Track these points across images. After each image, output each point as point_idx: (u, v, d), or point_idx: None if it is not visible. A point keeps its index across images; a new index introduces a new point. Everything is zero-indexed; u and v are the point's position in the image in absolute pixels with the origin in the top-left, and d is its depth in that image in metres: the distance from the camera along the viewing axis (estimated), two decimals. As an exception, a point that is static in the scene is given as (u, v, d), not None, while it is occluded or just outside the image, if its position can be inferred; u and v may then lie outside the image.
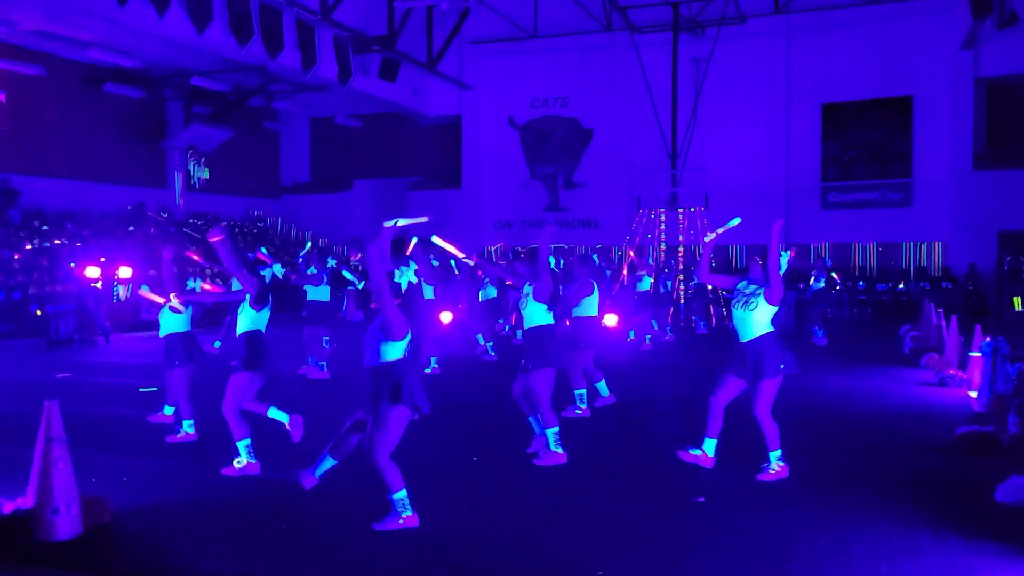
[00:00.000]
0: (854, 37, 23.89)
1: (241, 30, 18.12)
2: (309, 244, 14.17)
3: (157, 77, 22.31)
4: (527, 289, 6.86)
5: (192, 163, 23.73)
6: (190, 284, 13.12)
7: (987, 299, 21.74)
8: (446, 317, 12.09)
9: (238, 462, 6.23)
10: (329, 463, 5.18)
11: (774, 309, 6.02)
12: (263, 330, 6.58)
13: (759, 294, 6.02)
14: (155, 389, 10.13)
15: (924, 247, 23.69)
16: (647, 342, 14.86)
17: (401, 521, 4.92)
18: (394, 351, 4.97)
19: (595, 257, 14.00)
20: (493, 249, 27.02)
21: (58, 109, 21.29)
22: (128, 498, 5.50)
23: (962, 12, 22.38)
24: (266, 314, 6.61)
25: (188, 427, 7.50)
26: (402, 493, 4.93)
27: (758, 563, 4.34)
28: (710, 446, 6.05)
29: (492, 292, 14.19)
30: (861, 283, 22.71)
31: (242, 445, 6.25)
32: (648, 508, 5.33)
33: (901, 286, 22.46)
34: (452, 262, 13.19)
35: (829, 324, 16.13)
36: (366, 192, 29.55)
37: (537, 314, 6.73)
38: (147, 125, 23.83)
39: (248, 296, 6.53)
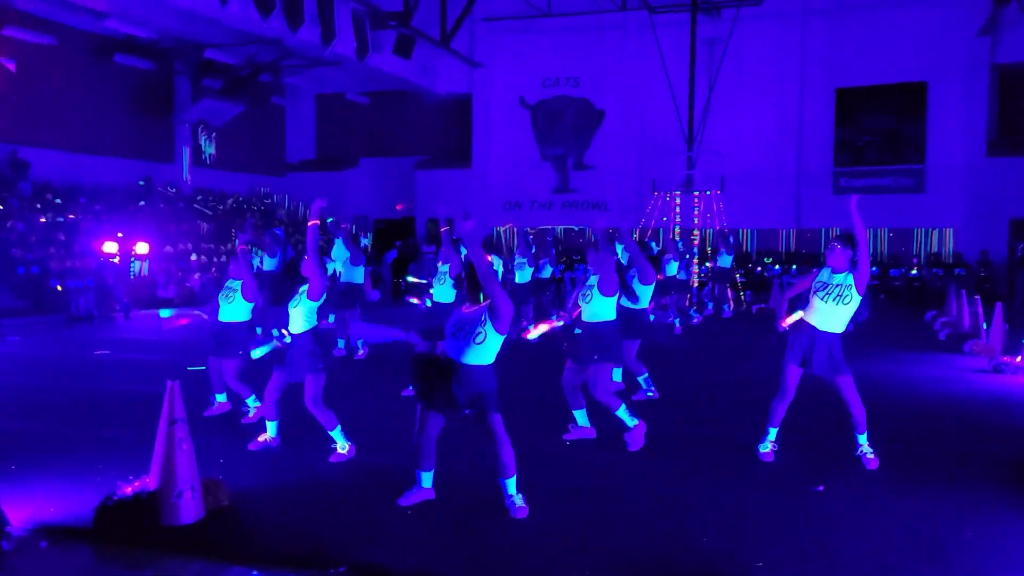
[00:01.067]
0: (869, 21, 23.78)
1: (263, 2, 17.76)
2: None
3: (168, 49, 21.88)
4: (592, 280, 6.72)
5: (203, 138, 23.36)
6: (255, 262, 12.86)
7: (998, 286, 21.85)
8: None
9: (342, 448, 6.09)
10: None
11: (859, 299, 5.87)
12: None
13: (851, 284, 5.85)
14: (203, 368, 9.97)
15: (935, 233, 23.76)
16: (677, 326, 14.80)
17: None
18: (494, 348, 4.83)
19: (653, 244, 13.91)
20: (502, 230, 26.91)
21: (67, 80, 20.85)
22: (235, 480, 5.37)
23: (978, -1, 22.42)
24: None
25: (253, 403, 7.36)
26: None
27: (912, 555, 4.28)
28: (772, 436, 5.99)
29: (527, 275, 14.09)
30: (875, 268, 22.71)
31: (336, 433, 6.11)
32: (766, 497, 5.26)
33: (914, 272, 22.50)
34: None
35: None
36: (371, 170, 29.24)
37: (602, 308, 6.58)
38: (155, 98, 23.42)
39: (310, 288, 6.28)
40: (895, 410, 7.80)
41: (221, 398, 7.76)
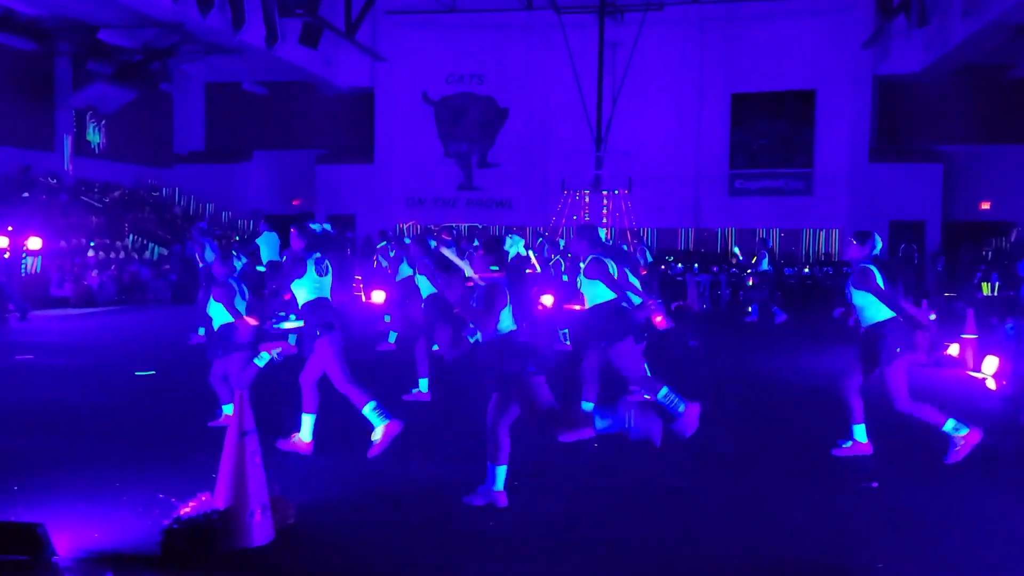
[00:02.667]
0: (763, 31, 24.83)
1: (173, -17, 16.81)
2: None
3: (50, 29, 20.35)
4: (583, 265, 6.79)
5: (91, 125, 21.87)
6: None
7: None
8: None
9: (375, 434, 5.78)
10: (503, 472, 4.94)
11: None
12: None
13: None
14: (152, 372, 9.32)
15: (823, 234, 25.09)
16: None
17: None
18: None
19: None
20: (405, 227, 26.52)
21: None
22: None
23: (864, 11, 23.81)
24: None
25: (229, 410, 6.92)
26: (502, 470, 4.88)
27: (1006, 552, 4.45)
28: (861, 432, 6.10)
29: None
30: (770, 268, 23.72)
31: (369, 410, 5.80)
32: (832, 495, 5.36)
33: (806, 271, 23.66)
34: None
35: (764, 305, 16.76)
36: (267, 163, 28.20)
37: (599, 290, 6.62)
38: (35, 81, 21.75)
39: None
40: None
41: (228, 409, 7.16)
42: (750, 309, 16.67)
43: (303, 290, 5.93)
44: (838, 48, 24.21)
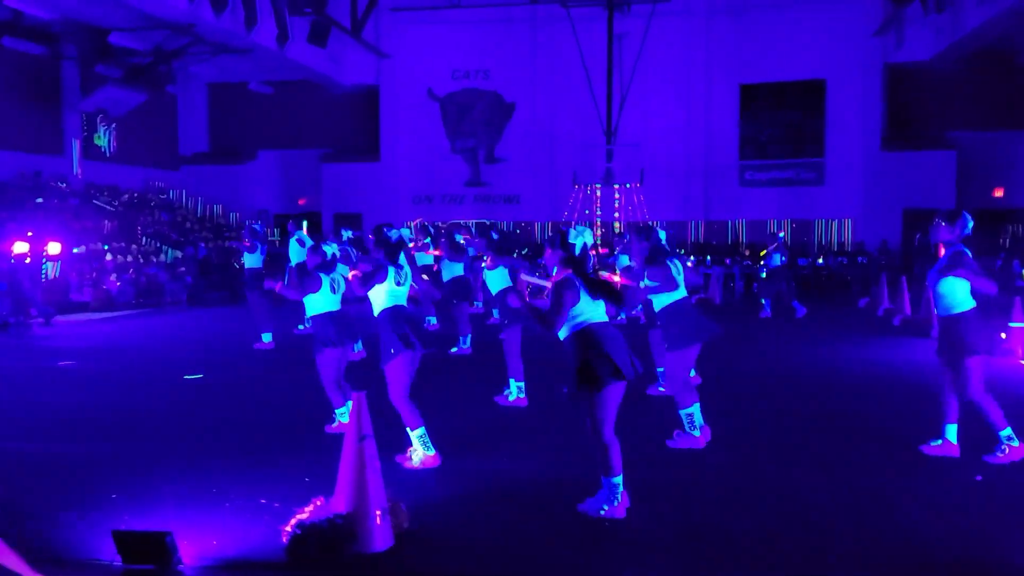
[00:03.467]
0: (772, 21, 24.76)
1: (189, -16, 16.63)
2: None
3: (62, 32, 20.11)
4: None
5: (103, 129, 21.65)
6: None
7: (898, 273, 23.26)
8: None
9: (414, 458, 5.69)
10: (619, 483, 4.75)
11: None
12: None
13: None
14: (200, 376, 9.19)
15: (835, 224, 25.05)
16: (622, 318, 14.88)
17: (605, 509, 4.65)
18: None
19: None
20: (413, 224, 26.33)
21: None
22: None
23: (872, 1, 23.76)
24: None
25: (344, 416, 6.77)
26: (618, 478, 4.66)
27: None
28: (952, 432, 5.97)
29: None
30: (784, 259, 23.67)
31: (417, 435, 5.69)
32: (948, 489, 5.29)
33: (820, 261, 23.62)
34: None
35: (778, 299, 16.59)
36: (272, 163, 28.04)
37: (664, 292, 6.49)
38: (43, 85, 21.51)
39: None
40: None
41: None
42: (763, 302, 16.47)
43: (380, 297, 5.78)
44: (847, 37, 24.16)
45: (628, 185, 22.86)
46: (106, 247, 18.94)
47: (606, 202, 23.14)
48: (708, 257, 24.15)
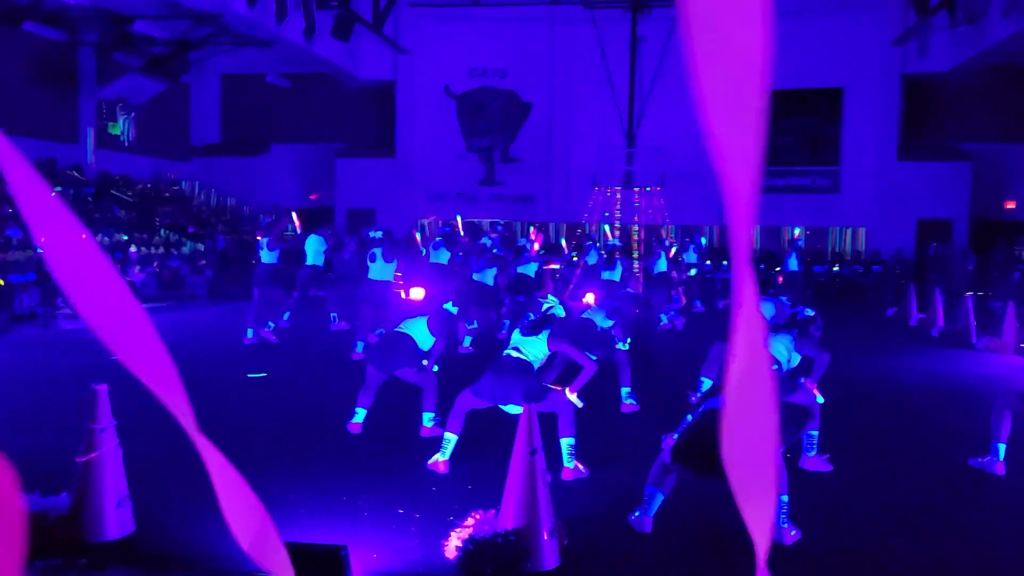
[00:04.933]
0: (791, 27, 24.74)
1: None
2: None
3: (82, 18, 19.81)
4: None
5: (123, 117, 21.36)
6: None
7: (911, 282, 23.37)
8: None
9: (436, 457, 5.62)
10: (659, 499, 4.65)
11: None
12: None
13: None
14: (264, 375, 9.05)
15: (849, 232, 25.13)
16: (665, 322, 14.82)
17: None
18: None
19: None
20: (427, 222, 26.20)
21: (-35, 48, 18.54)
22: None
23: (893, 9, 23.84)
24: None
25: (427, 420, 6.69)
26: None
27: None
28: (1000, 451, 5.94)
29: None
30: (800, 266, 23.73)
31: (450, 439, 5.63)
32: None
33: (836, 268, 23.68)
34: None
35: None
36: (285, 156, 27.76)
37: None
38: (59, 72, 21.19)
39: None
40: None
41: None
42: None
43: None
44: (866, 45, 24.23)
45: (648, 189, 22.81)
46: (125, 238, 18.67)
47: (626, 205, 23.07)
48: (725, 262, 24.18)
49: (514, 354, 5.54)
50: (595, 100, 24.96)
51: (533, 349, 5.58)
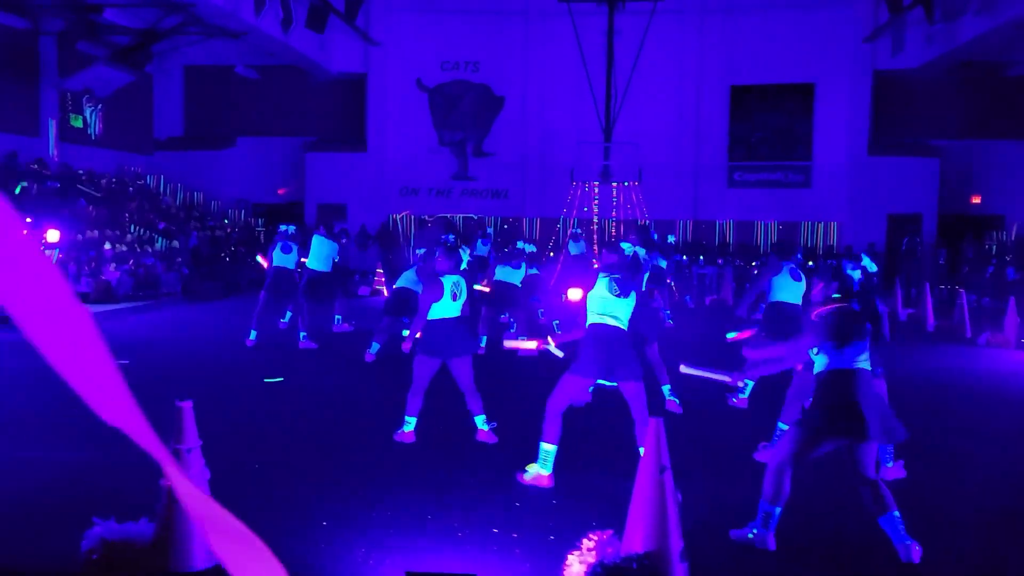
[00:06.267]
0: (763, 22, 24.92)
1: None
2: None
3: (50, 5, 18.98)
4: None
5: (89, 109, 20.56)
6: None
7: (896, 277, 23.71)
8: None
9: (529, 471, 5.43)
10: (777, 513, 4.45)
11: None
12: None
13: None
14: (280, 380, 8.69)
15: (821, 226, 25.40)
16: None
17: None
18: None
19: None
20: (399, 217, 25.81)
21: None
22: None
23: (863, 6, 24.11)
24: None
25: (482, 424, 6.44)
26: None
27: None
28: None
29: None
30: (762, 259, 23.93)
31: (547, 449, 5.43)
32: None
33: (811, 263, 23.87)
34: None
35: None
36: (251, 150, 27.05)
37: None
38: (22, 62, 20.32)
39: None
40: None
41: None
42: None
43: (591, 307, 5.46)
44: (837, 42, 24.47)
45: (626, 183, 22.75)
46: (94, 234, 17.98)
47: (604, 200, 23.00)
48: (702, 257, 24.27)
49: (610, 322, 5.36)
50: (571, 94, 24.81)
51: (624, 313, 5.41)
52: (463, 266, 7.17)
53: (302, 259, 11.87)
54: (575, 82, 24.44)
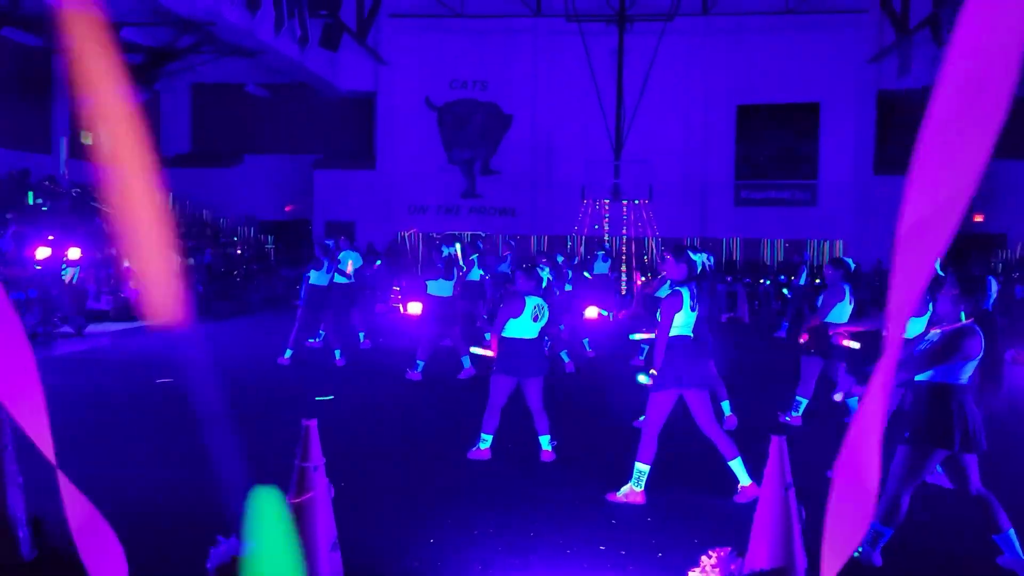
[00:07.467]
0: (769, 43, 25.21)
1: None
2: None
3: (59, 23, 18.97)
4: None
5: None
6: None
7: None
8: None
9: (625, 487, 5.49)
10: (888, 534, 4.48)
11: None
12: None
13: None
14: (331, 397, 8.71)
15: (826, 244, 25.62)
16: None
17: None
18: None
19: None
20: (407, 234, 25.87)
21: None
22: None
23: (868, 28, 24.45)
24: None
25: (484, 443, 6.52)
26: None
27: None
28: None
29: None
30: (782, 276, 24.09)
31: (639, 469, 5.50)
32: None
33: (818, 280, 24.03)
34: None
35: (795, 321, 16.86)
36: (259, 167, 27.10)
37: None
38: (36, 80, 20.33)
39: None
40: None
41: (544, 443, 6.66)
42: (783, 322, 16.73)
43: (672, 325, 5.52)
44: (842, 62, 24.77)
45: (637, 201, 22.91)
46: (111, 252, 17.92)
47: (614, 218, 23.14)
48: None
49: (691, 335, 5.49)
50: (580, 112, 24.99)
51: (693, 323, 5.57)
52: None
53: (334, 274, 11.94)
54: (584, 100, 24.65)
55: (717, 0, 24.91)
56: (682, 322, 5.45)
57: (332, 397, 8.73)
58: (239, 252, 22.25)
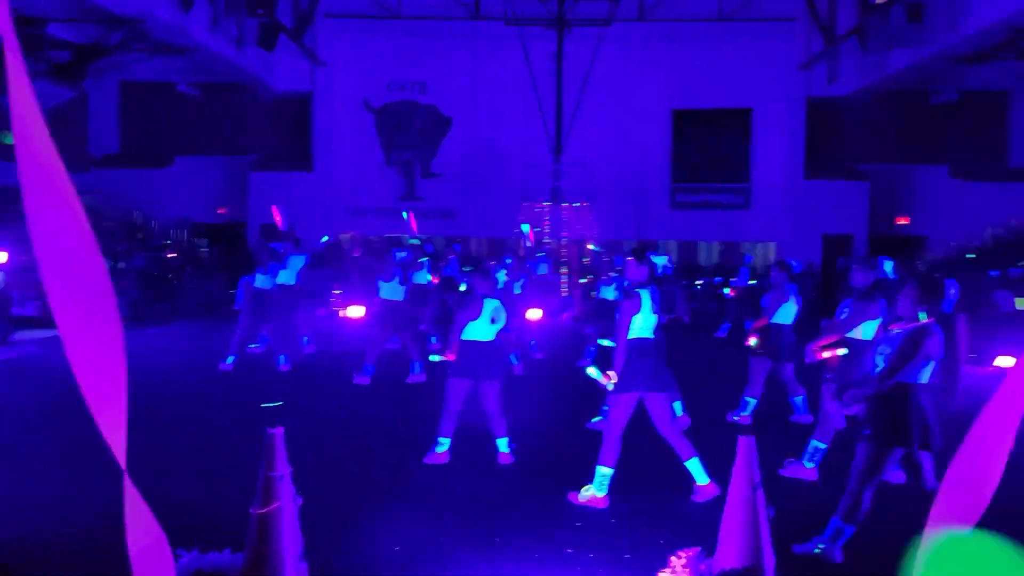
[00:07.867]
0: (704, 49, 25.67)
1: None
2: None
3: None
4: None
5: (29, 126, 19.74)
6: None
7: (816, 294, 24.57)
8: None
9: (586, 489, 5.56)
10: (849, 532, 4.63)
11: None
12: None
13: None
14: (279, 404, 8.56)
15: (759, 247, 26.19)
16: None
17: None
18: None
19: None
20: (347, 237, 25.57)
21: None
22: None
23: (798, 37, 25.11)
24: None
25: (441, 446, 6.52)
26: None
27: None
28: None
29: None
30: (718, 278, 24.57)
31: (601, 472, 5.57)
32: None
33: (752, 282, 24.57)
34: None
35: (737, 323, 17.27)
36: (191, 168, 26.43)
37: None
38: (-46, 75, 19.49)
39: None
40: None
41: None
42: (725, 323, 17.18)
43: (632, 328, 5.57)
44: (773, 69, 25.35)
45: (575, 204, 23.07)
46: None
47: (555, 221, 23.27)
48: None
49: (652, 337, 5.54)
50: (520, 116, 25.04)
51: (653, 325, 5.63)
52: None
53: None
54: (524, 104, 24.73)
55: (654, 7, 25.27)
56: (642, 324, 5.50)
57: (280, 403, 8.58)
58: (172, 255, 21.68)
